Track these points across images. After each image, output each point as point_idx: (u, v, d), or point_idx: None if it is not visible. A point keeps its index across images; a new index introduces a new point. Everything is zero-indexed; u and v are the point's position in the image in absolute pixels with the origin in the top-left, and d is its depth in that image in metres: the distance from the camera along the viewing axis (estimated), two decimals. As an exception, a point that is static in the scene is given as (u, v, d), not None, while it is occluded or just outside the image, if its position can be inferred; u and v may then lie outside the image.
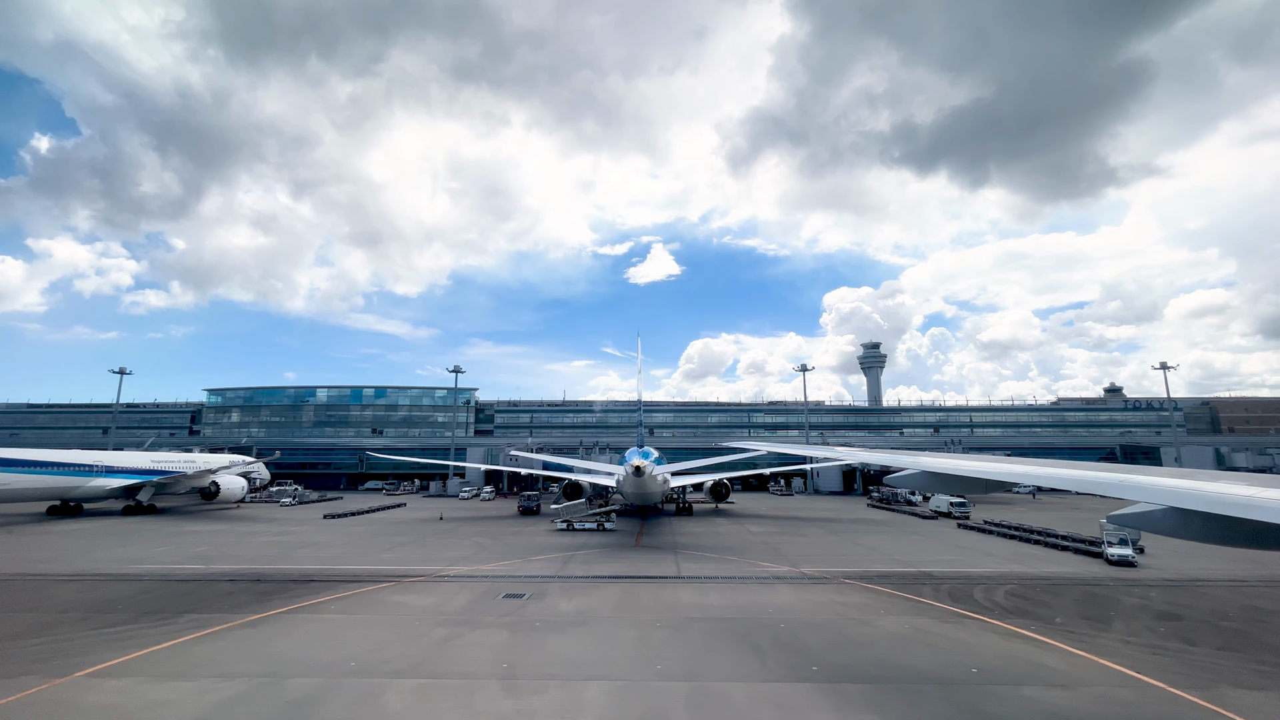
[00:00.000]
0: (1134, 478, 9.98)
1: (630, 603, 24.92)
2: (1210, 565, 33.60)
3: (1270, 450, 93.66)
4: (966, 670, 16.63)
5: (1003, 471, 12.35)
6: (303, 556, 36.48)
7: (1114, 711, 14.06)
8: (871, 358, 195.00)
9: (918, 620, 21.93)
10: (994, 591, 26.94)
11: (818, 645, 18.91)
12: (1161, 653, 18.30)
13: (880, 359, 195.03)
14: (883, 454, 43.44)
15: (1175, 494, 8.80)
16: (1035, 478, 11.48)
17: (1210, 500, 8.25)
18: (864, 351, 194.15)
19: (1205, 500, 8.31)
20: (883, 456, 21.66)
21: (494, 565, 33.64)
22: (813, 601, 25.03)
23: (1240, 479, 9.52)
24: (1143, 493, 9.34)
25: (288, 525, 53.36)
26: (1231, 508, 7.78)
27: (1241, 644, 19.23)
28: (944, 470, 13.65)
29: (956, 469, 13.45)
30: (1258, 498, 7.77)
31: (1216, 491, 8.47)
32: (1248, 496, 7.93)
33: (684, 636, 19.90)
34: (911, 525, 54.22)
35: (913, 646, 18.82)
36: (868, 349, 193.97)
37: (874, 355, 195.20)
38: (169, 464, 67.63)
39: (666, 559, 35.66)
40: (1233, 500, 7.96)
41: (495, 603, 24.67)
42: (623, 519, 57.64)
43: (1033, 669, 16.76)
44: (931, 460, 15.78)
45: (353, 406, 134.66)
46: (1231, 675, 16.37)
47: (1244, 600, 25.45)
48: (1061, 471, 11.83)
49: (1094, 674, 16.41)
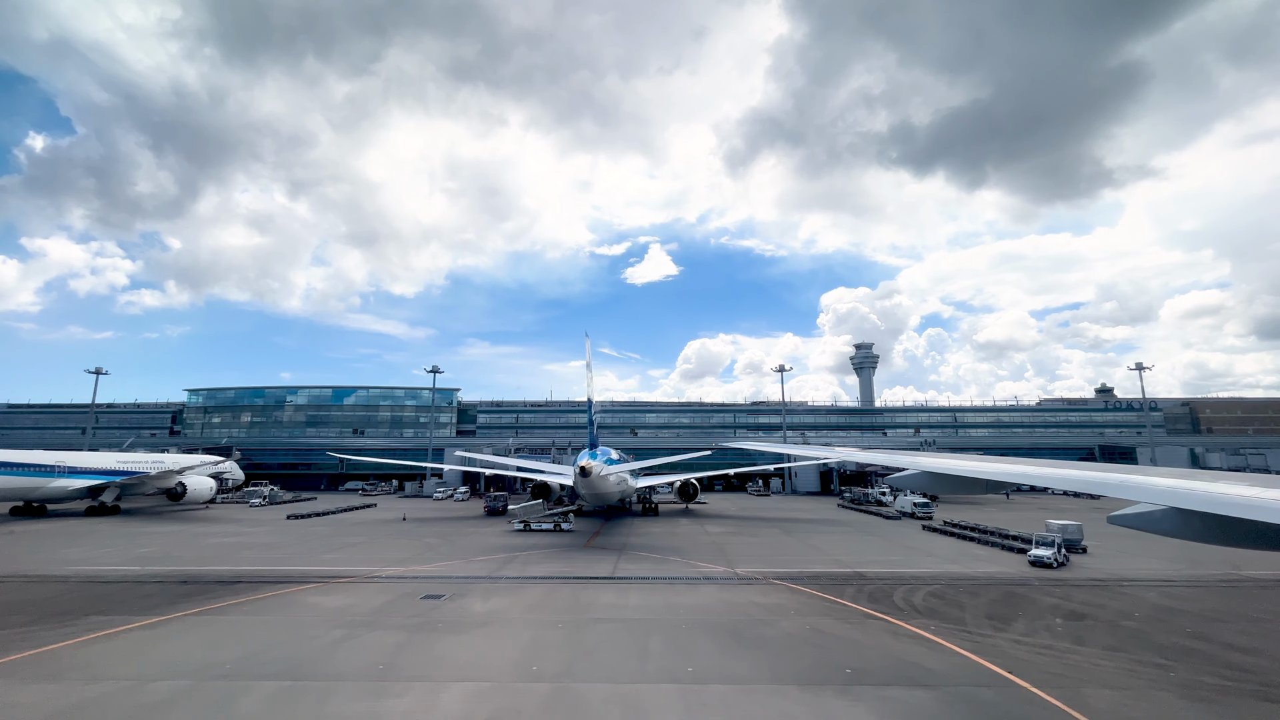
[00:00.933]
0: (1134, 478, 9.93)
1: (546, 604, 24.92)
2: (1147, 566, 33.77)
3: (1244, 450, 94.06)
4: (840, 671, 16.65)
5: (1002, 471, 12.30)
6: (245, 557, 36.40)
7: (962, 712, 14.10)
8: (864, 358, 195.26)
9: (822, 621, 21.96)
10: (916, 592, 27.00)
11: (707, 647, 18.92)
12: (1046, 653, 18.36)
13: (872, 359, 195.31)
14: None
15: (1176, 494, 8.74)
16: (1035, 478, 11.38)
17: (1210, 500, 8.22)
18: (856, 352, 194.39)
19: (1205, 500, 8.29)
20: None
21: (432, 566, 33.60)
22: (729, 602, 25.05)
23: (1241, 479, 9.49)
24: (1143, 493, 9.28)
25: (247, 526, 53.23)
26: (1232, 508, 7.74)
27: (1130, 644, 19.29)
28: (944, 470, 13.54)
29: (956, 469, 13.38)
30: (1258, 498, 7.75)
31: (1217, 492, 8.44)
32: (1248, 497, 7.90)
33: (579, 637, 19.90)
34: (871, 526, 54.31)
35: (800, 648, 18.85)
36: (860, 349, 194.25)
37: (866, 356, 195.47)
38: (135, 465, 67.36)
39: (608, 560, 35.66)
40: (1233, 500, 7.93)
41: (411, 604, 24.65)
42: (585, 519, 57.71)
43: (908, 669, 16.79)
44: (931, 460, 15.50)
45: (335, 407, 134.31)
46: (1103, 675, 16.42)
47: (1159, 600, 25.55)
48: (1061, 472, 11.81)
49: (967, 674, 16.45)
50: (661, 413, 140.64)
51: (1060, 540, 33.53)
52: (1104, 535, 47.27)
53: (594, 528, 51.28)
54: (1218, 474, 11.77)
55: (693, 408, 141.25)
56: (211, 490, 71.27)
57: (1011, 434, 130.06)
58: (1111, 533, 49.92)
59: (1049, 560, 32.58)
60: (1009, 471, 12.21)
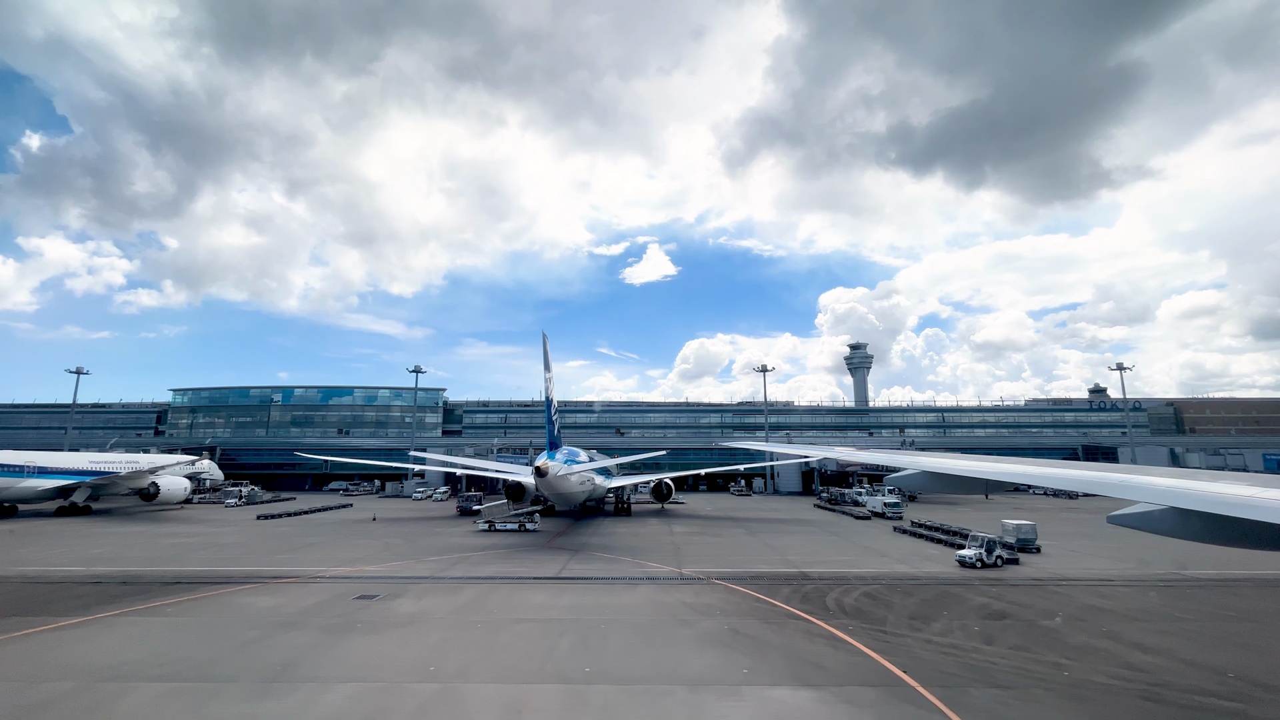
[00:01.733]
0: (1134, 478, 9.90)
1: (477, 604, 24.94)
2: (1093, 566, 33.90)
3: (1223, 450, 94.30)
4: (738, 672, 16.69)
5: (1002, 471, 12.23)
6: (197, 558, 36.34)
7: (836, 712, 14.14)
8: (858, 359, 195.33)
9: (743, 622, 22.00)
10: (853, 592, 27.06)
11: (615, 647, 18.95)
12: (951, 652, 18.42)
13: (867, 360, 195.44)
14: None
15: (1176, 494, 8.70)
16: (1035, 477, 11.30)
17: (1211, 500, 8.17)
18: (850, 352, 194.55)
19: (1206, 500, 8.24)
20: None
21: (381, 566, 33.59)
22: (659, 603, 25.07)
23: (1241, 479, 9.42)
24: (1143, 493, 9.23)
25: (213, 526, 53.17)
26: (1232, 508, 7.70)
27: (1039, 643, 19.34)
28: (943, 470, 13.48)
29: (956, 469, 13.31)
30: (1258, 498, 7.72)
31: (1217, 492, 8.39)
32: (1248, 496, 7.87)
33: (491, 638, 19.92)
34: (838, 526, 54.37)
35: (708, 649, 18.89)
36: (854, 350, 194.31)
37: (860, 356, 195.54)
38: (106, 465, 67.23)
39: (559, 560, 35.66)
40: (1233, 500, 7.89)
41: (341, 604, 24.64)
42: (555, 520, 57.75)
43: (804, 670, 16.82)
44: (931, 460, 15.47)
45: (322, 407, 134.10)
46: (996, 674, 16.47)
47: (1088, 600, 25.62)
48: (1061, 471, 11.76)
49: (860, 674, 16.49)
50: (649, 412, 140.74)
51: (989, 540, 33.48)
52: (1065, 535, 47.50)
53: (561, 528, 51.29)
54: (1217, 474, 11.67)
55: (681, 408, 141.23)
56: (186, 490, 71.19)
57: (998, 434, 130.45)
58: (1075, 532, 50.06)
59: (972, 560, 32.65)
60: (1008, 471, 12.21)
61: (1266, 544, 8.21)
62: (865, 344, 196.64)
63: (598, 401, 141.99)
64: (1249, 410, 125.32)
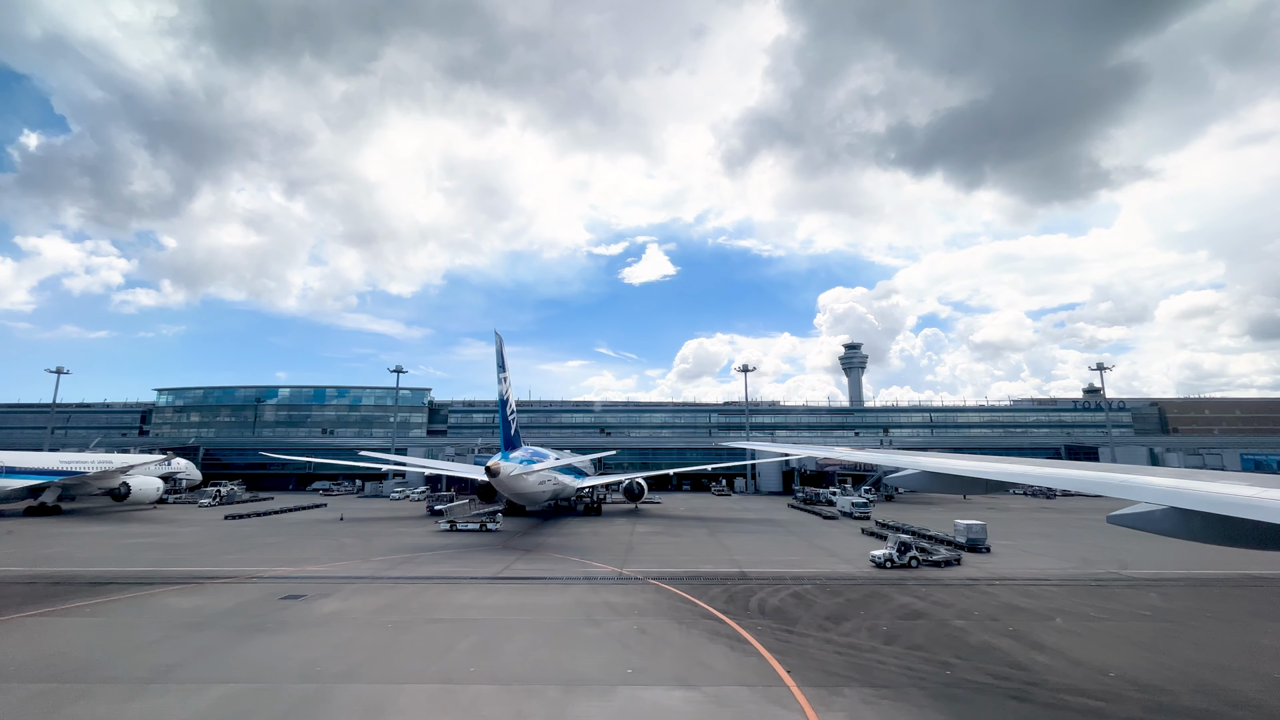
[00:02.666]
0: (1134, 478, 9.91)
1: (401, 604, 24.94)
2: (1035, 565, 33.96)
3: (1201, 450, 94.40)
4: (621, 672, 16.70)
5: (1002, 471, 12.24)
6: (144, 558, 36.31)
7: (700, 711, 14.16)
8: (852, 359, 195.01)
9: (656, 622, 22.02)
10: (782, 592, 27.08)
11: (515, 647, 18.96)
12: (845, 652, 18.42)
13: (861, 360, 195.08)
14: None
15: (1176, 494, 8.69)
16: (1035, 477, 11.27)
17: (1211, 500, 8.18)
18: (845, 352, 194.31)
19: (1206, 500, 8.24)
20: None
21: (325, 566, 33.60)
22: (583, 602, 25.08)
23: (1241, 479, 9.43)
24: (1143, 493, 9.24)
25: (176, 526, 53.15)
26: (1232, 508, 7.71)
27: (938, 643, 19.36)
28: (943, 470, 13.47)
29: (955, 469, 13.26)
30: (1258, 498, 7.72)
31: (1217, 492, 8.39)
32: (1248, 496, 7.87)
33: (396, 638, 19.93)
34: (802, 526, 54.34)
35: (604, 649, 18.91)
36: (849, 349, 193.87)
37: (855, 356, 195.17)
38: (76, 465, 67.20)
39: (506, 560, 35.66)
40: (1233, 500, 7.89)
41: (264, 604, 24.63)
42: (520, 520, 57.74)
43: (689, 670, 16.84)
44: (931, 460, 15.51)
45: (310, 407, 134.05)
46: (877, 674, 16.48)
47: (1011, 599, 25.63)
48: (1061, 471, 11.76)
49: (743, 674, 16.50)
50: (636, 412, 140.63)
51: (900, 542, 33.54)
52: (1024, 535, 47.59)
53: (524, 528, 51.29)
54: (1217, 474, 11.63)
55: (668, 407, 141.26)
56: (159, 490, 71.04)
57: (985, 434, 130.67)
58: (1037, 532, 50.11)
59: (881, 560, 32.82)
60: (1008, 471, 12.15)
61: (1267, 544, 8.28)
62: (860, 344, 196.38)
63: (581, 401, 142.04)
64: (1233, 410, 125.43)
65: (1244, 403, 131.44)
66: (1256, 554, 31.87)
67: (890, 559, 32.67)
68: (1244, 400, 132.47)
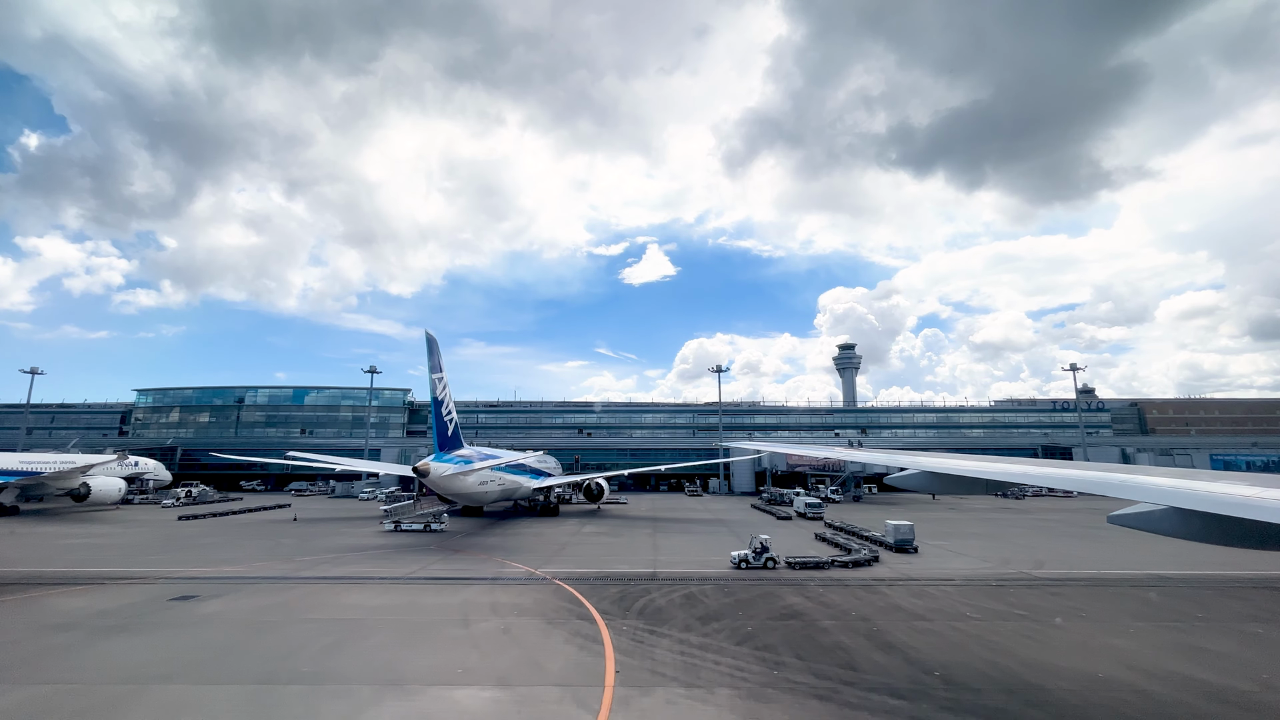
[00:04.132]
0: (1135, 478, 9.89)
1: (286, 605, 24.96)
2: (951, 566, 33.98)
3: (1173, 450, 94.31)
4: (452, 672, 16.76)
5: (1002, 471, 12.29)
6: (66, 559, 36.26)
7: (492, 710, 14.22)
8: (846, 359, 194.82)
9: (526, 622, 22.05)
10: (676, 592, 27.08)
11: (366, 647, 19.01)
12: (692, 652, 18.42)
13: (855, 360, 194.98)
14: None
15: (1176, 494, 8.67)
16: (1035, 477, 11.28)
17: (1211, 500, 8.17)
18: (839, 352, 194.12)
19: (1206, 500, 8.23)
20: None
21: (243, 566, 33.64)
22: (470, 602, 25.11)
23: (1242, 479, 9.44)
24: (1143, 493, 9.24)
25: (123, 527, 53.23)
26: (1233, 508, 7.70)
27: (791, 642, 19.34)
28: (943, 470, 13.49)
29: (955, 469, 13.31)
30: (1259, 498, 7.70)
31: (1218, 492, 8.37)
32: (1249, 496, 7.85)
33: (259, 638, 19.98)
34: (751, 526, 54.07)
35: (455, 647, 18.98)
36: (843, 350, 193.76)
37: (849, 357, 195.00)
38: (37, 465, 67.35)
39: (425, 560, 35.67)
40: (1234, 500, 7.88)
41: (149, 605, 24.65)
42: (473, 520, 57.89)
43: (521, 671, 16.86)
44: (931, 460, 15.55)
45: (291, 407, 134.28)
46: (705, 674, 16.47)
47: (900, 600, 25.63)
48: (1061, 471, 11.77)
49: (569, 676, 16.51)
50: (618, 413, 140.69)
51: (762, 542, 33.59)
52: (961, 536, 47.62)
53: (471, 528, 51.35)
54: (1218, 474, 11.89)
55: (650, 407, 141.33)
56: (120, 491, 71.16)
57: (964, 434, 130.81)
58: (978, 532, 50.10)
59: (737, 561, 32.95)
60: (1008, 471, 12.20)
61: (1267, 544, 8.27)
62: (854, 345, 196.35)
63: (562, 401, 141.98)
64: (1212, 410, 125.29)
65: (1222, 403, 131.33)
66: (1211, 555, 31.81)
67: (745, 560, 32.82)
68: (1222, 401, 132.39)
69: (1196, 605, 24.86)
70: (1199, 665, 17.65)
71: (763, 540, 33.55)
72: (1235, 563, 33.26)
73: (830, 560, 33.43)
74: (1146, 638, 20.34)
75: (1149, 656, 18.45)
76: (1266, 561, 33.05)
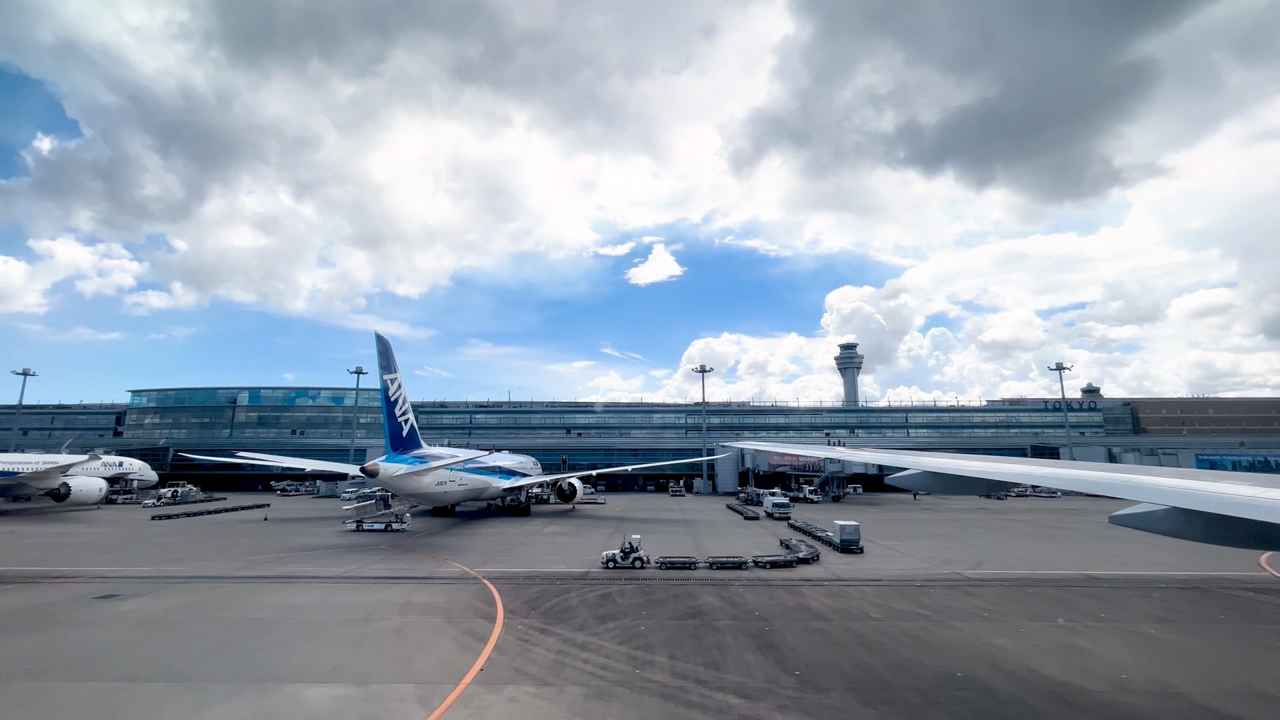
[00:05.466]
0: (1136, 478, 9.91)
1: (205, 604, 25.20)
2: (893, 567, 33.86)
3: (1159, 450, 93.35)
4: (321, 669, 16.95)
5: (1002, 471, 12.32)
6: (18, 558, 36.81)
7: (332, 708, 14.38)
8: (848, 359, 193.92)
9: (427, 621, 22.21)
10: (594, 591, 27.19)
11: (249, 646, 19.24)
12: (568, 651, 18.51)
13: (857, 360, 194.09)
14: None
15: (1177, 494, 8.64)
16: (1035, 477, 11.30)
17: (1213, 500, 8.14)
18: (841, 352, 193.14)
19: (1207, 500, 8.21)
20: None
21: (184, 566, 33.93)
22: (386, 601, 25.23)
23: (1244, 479, 9.45)
24: (1145, 493, 9.22)
25: (90, 526, 53.86)
26: (1234, 508, 7.66)
27: (670, 644, 19.31)
28: (944, 470, 13.50)
29: (956, 469, 13.32)
30: (1260, 498, 7.67)
31: (1219, 491, 8.36)
32: (1250, 496, 7.83)
33: (147, 638, 20.24)
34: (714, 526, 54.26)
35: (341, 645, 19.25)
36: (844, 349, 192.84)
37: (850, 356, 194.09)
38: (17, 465, 68.32)
39: (367, 560, 35.88)
40: (1235, 500, 7.85)
41: (68, 604, 24.95)
42: (440, 520, 58.23)
43: (390, 668, 17.03)
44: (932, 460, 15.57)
45: (284, 408, 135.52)
46: (570, 673, 16.53)
47: (816, 601, 25.55)
48: (1062, 471, 11.81)
49: (432, 673, 16.63)
50: (608, 413, 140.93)
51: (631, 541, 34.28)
52: (914, 536, 47.44)
53: (434, 528, 51.62)
54: (1220, 474, 11.84)
55: (635, 408, 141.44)
56: (101, 491, 72.00)
57: (957, 434, 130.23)
58: (935, 533, 49.84)
59: (605, 560, 33.39)
60: (1007, 471, 12.25)
61: (1268, 544, 8.26)
62: (855, 344, 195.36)
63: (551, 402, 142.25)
64: (1205, 410, 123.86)
65: (1222, 403, 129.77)
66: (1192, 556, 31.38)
67: (613, 560, 33.28)
68: (1222, 400, 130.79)
69: (1106, 605, 24.68)
70: (1063, 665, 17.56)
71: (632, 540, 34.27)
72: (1182, 564, 33.10)
73: (752, 560, 33.42)
74: (1033, 637, 20.24)
75: (1021, 656, 18.38)
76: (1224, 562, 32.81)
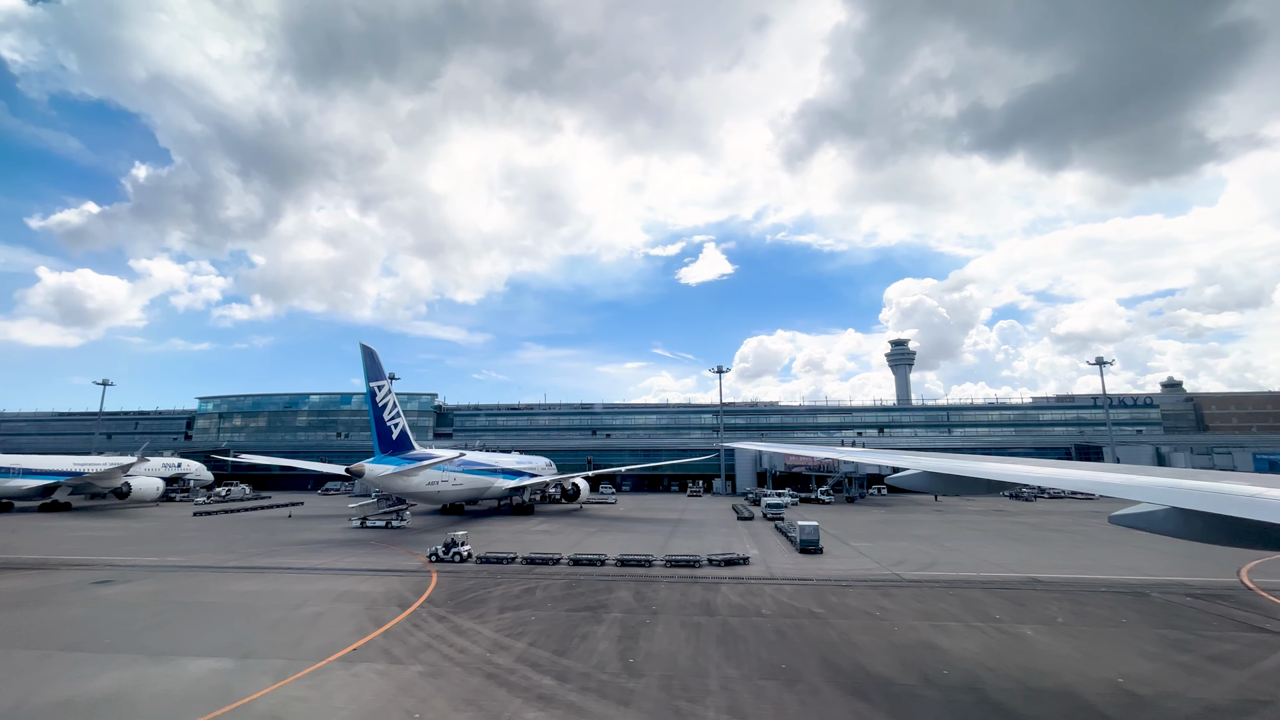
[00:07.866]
0: (1136, 478, 9.89)
1: (177, 590, 28.27)
2: (849, 568, 33.71)
3: (1214, 449, 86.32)
4: (221, 645, 19.26)
5: (1003, 471, 12.43)
6: (61, 548, 41.48)
7: (210, 682, 16.51)
8: (899, 355, 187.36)
9: (350, 608, 24.36)
10: (520, 585, 28.80)
11: (182, 628, 21.83)
12: (449, 637, 20.14)
13: (909, 356, 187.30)
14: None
15: (1178, 493, 8.63)
16: (1034, 478, 11.42)
17: (1212, 500, 8.12)
18: (892, 349, 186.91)
19: (1207, 500, 8.19)
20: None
21: (190, 557, 37.70)
22: (332, 591, 27.55)
23: (1243, 478, 9.44)
24: (1144, 493, 9.22)
25: (139, 522, 59.93)
26: (1233, 507, 7.62)
27: (548, 634, 20.66)
28: (941, 470, 13.67)
29: (952, 469, 13.50)
30: (1260, 497, 7.61)
31: (1218, 491, 8.34)
32: (1250, 495, 7.78)
33: (107, 616, 23.32)
34: (705, 526, 54.69)
35: (254, 628, 21.56)
36: (895, 345, 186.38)
37: (901, 353, 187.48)
38: (87, 466, 76.53)
39: (345, 553, 38.70)
40: (1235, 500, 7.82)
41: (68, 587, 28.59)
42: (442, 518, 61.37)
43: (277, 647, 19.16)
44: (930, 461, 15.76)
45: (332, 413, 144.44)
46: (428, 656, 18.17)
47: (750, 599, 26.13)
48: (1062, 472, 11.97)
49: (311, 652, 18.62)
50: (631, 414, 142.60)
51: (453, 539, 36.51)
52: (881, 537, 46.51)
53: (432, 525, 54.60)
54: (1219, 474, 12.10)
55: (660, 409, 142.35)
56: (159, 489, 79.53)
57: (996, 432, 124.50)
58: (904, 534, 48.60)
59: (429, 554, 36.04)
60: (1004, 471, 12.46)
61: (1269, 544, 8.19)
62: (907, 340, 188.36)
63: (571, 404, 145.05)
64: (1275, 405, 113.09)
65: None
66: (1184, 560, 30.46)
67: (436, 554, 36.09)
68: None
69: (1013, 608, 24.26)
70: (894, 662, 17.80)
71: (455, 536, 36.66)
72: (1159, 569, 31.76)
73: (706, 559, 34.10)
74: (896, 635, 20.48)
75: (861, 651, 18.86)
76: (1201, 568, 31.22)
